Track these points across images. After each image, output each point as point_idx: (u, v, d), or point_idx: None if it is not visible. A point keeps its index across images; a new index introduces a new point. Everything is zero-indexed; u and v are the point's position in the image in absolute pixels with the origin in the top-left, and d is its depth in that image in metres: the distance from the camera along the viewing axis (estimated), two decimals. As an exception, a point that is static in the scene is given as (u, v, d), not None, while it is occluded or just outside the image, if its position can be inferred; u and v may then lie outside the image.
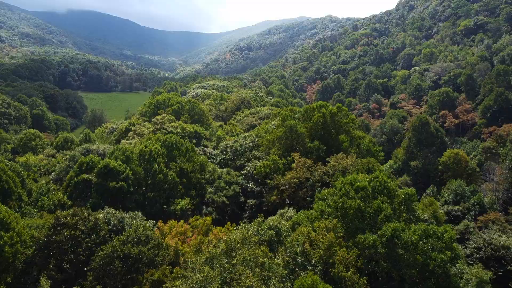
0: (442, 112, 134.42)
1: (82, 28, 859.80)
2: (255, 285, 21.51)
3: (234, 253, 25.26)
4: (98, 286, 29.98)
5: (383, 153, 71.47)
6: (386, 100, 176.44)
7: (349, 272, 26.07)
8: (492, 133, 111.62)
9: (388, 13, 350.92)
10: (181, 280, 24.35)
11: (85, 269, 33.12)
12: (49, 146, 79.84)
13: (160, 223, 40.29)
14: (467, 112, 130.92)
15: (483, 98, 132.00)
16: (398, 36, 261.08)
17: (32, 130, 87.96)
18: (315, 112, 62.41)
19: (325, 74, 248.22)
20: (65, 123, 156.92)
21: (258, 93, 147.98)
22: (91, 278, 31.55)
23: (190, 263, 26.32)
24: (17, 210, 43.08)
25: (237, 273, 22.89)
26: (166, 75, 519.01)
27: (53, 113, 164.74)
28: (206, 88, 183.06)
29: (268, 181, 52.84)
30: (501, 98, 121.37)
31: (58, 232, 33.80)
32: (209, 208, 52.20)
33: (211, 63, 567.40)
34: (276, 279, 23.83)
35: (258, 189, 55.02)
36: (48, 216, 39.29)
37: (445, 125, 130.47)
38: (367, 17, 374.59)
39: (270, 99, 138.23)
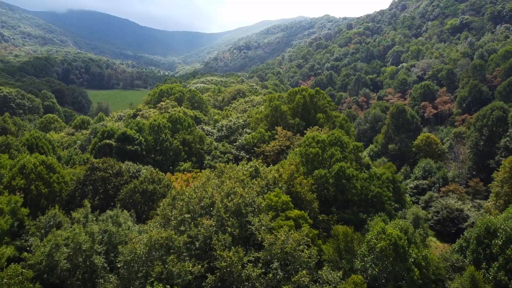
0: (423, 103, 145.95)
1: (82, 28, 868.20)
2: (236, 187, 32.60)
3: (223, 175, 36.45)
4: (124, 210, 41.01)
5: (365, 138, 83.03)
6: (374, 94, 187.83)
7: (303, 189, 37.24)
8: (464, 120, 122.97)
9: (381, 12, 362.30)
10: (186, 188, 35.52)
11: (114, 200, 44.28)
12: (68, 126, 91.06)
13: (168, 174, 51.44)
14: (445, 103, 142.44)
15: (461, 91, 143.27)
16: (388, 35, 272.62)
17: (51, 115, 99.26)
18: (297, 95, 73.68)
19: (319, 71, 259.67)
20: (73, 115, 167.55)
21: (253, 86, 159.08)
22: (119, 205, 42.60)
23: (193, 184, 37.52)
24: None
25: (225, 184, 34.05)
26: (166, 73, 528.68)
27: (60, 106, 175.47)
28: (205, 83, 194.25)
29: (255, 149, 64.00)
30: (475, 89, 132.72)
31: (93, 173, 44.95)
32: (207, 171, 63.26)
33: (210, 62, 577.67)
34: (253, 191, 34.95)
35: (247, 156, 66.02)
36: (80, 166, 50.41)
37: (425, 115, 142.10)
38: (361, 17, 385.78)
39: (264, 91, 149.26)
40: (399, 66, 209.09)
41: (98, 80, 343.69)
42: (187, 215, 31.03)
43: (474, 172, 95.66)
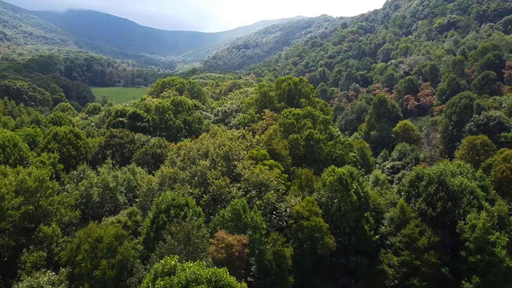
0: (406, 96, 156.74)
1: (82, 27, 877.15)
2: (226, 140, 43.31)
3: (216, 135, 47.20)
4: (139, 166, 51.73)
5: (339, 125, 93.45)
6: (364, 89, 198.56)
7: (279, 146, 47.95)
8: (441, 110, 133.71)
9: (375, 12, 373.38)
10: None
11: (130, 161, 55.01)
12: (82, 112, 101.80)
13: (172, 144, 62.13)
14: (427, 95, 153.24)
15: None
16: (380, 33, 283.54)
17: (64, 103, 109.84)
18: (284, 83, 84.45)
19: (313, 68, 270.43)
20: (79, 108, 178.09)
21: (248, 79, 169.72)
22: (133, 163, 53.39)
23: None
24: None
25: (217, 140, 44.79)
26: (166, 72, 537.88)
27: (67, 100, 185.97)
28: (204, 79, 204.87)
29: (246, 127, 74.64)
30: (453, 83, 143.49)
31: (112, 140, 55.69)
32: (204, 146, 74.02)
33: (210, 60, 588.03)
34: (239, 147, 45.68)
35: (239, 134, 76.81)
36: (99, 137, 61.08)
37: (408, 106, 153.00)
38: (355, 16, 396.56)
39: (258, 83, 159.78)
40: (388, 63, 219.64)
41: (100, 78, 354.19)
42: (188, 160, 41.76)
43: (446, 156, 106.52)
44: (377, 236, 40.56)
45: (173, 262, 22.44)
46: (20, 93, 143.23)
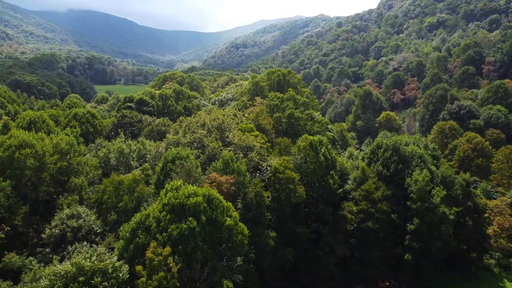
0: (393, 90, 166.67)
1: (82, 27, 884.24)
2: (219, 115, 52.93)
3: (212, 112, 56.89)
4: (147, 139, 61.40)
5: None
6: (355, 85, 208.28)
7: (264, 121, 57.61)
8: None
9: (370, 11, 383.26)
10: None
11: (138, 137, 64.73)
12: (91, 101, 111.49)
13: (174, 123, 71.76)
14: (412, 90, 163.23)
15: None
16: (373, 32, 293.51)
17: (74, 94, 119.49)
18: (274, 74, 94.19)
19: (308, 65, 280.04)
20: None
21: (244, 75, 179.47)
22: (142, 137, 63.06)
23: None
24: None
25: (212, 115, 54.48)
26: (165, 71, 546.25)
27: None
28: (203, 75, 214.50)
29: (239, 112, 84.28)
30: (436, 77, 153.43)
31: (123, 119, 65.38)
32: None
33: (208, 59, 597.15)
34: (231, 123, 55.34)
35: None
36: (111, 118, 70.70)
37: (394, 100, 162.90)
38: (350, 15, 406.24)
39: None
40: (379, 60, 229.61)
41: (101, 76, 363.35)
42: (188, 130, 51.43)
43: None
44: (340, 190, 50.28)
45: (178, 183, 32.16)
46: (30, 87, 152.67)
